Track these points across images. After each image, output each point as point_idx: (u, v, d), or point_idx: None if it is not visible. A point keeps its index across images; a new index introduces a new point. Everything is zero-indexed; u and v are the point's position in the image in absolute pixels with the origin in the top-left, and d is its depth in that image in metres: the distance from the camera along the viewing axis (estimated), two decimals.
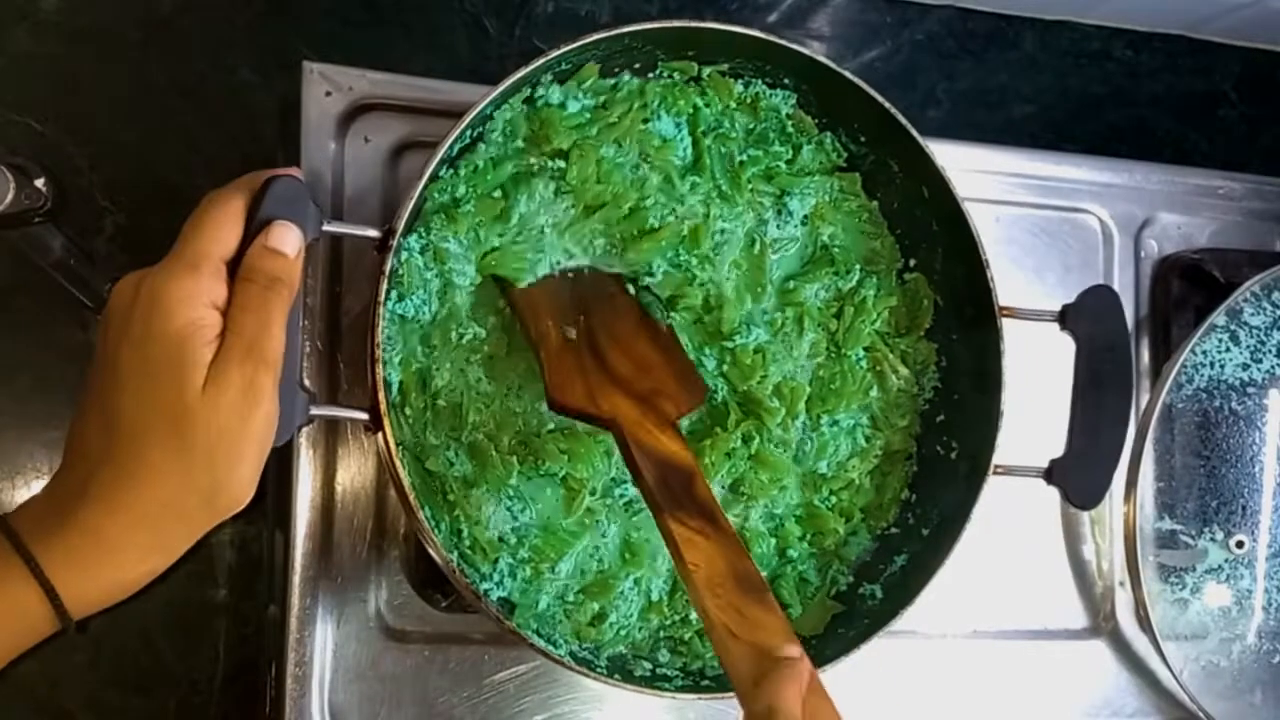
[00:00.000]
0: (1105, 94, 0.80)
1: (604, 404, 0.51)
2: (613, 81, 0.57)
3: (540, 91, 0.55)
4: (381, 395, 0.47)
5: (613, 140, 0.57)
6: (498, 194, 0.55)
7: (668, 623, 0.58)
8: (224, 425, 0.40)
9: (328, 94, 0.59)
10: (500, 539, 0.55)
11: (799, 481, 0.60)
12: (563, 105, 0.56)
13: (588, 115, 0.57)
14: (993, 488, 0.56)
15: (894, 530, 0.61)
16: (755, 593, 0.45)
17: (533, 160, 0.56)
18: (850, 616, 0.58)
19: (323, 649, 0.56)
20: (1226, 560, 0.68)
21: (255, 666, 0.60)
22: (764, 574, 0.59)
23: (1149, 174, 0.74)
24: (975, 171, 0.69)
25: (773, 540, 0.60)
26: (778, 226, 0.61)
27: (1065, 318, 0.58)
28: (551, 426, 0.56)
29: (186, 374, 0.40)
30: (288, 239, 0.44)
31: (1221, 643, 0.68)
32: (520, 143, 0.56)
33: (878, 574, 0.60)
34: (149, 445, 0.40)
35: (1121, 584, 0.70)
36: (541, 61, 0.51)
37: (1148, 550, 0.67)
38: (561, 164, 0.56)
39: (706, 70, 0.58)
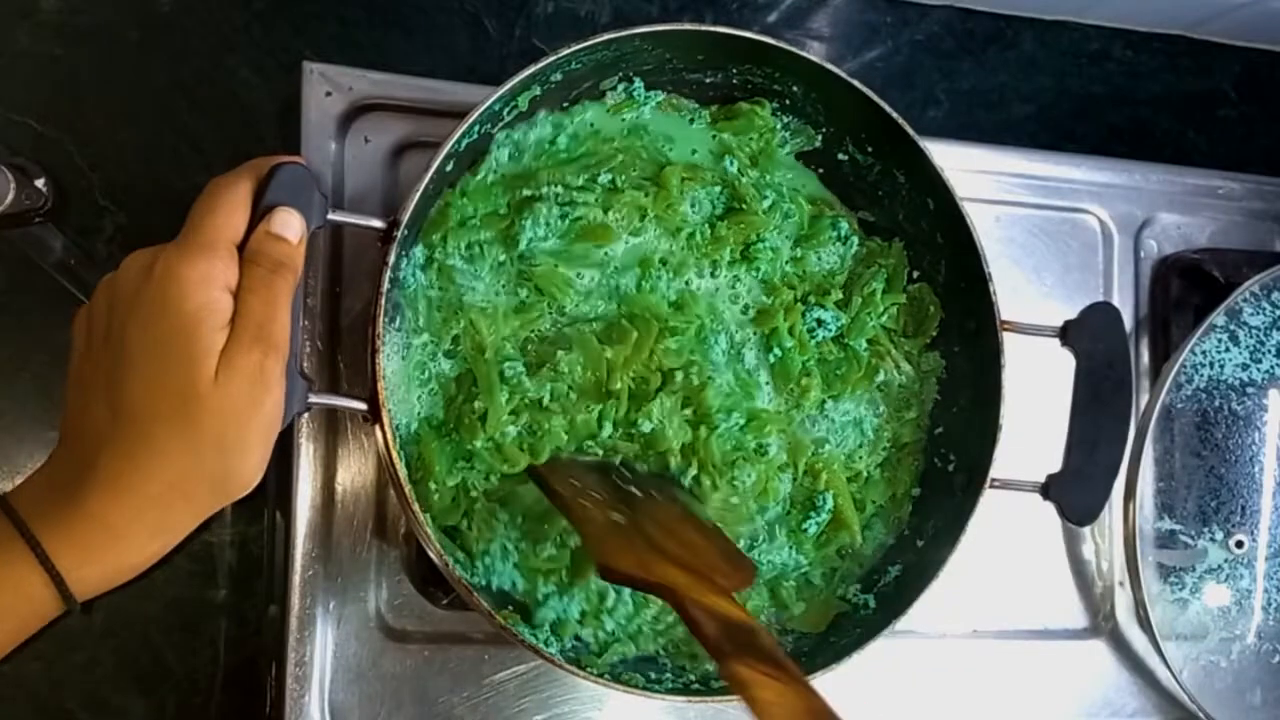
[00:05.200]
0: (1105, 94, 0.80)
1: (657, 571, 0.48)
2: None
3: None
4: (380, 385, 0.47)
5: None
6: (504, 210, 0.56)
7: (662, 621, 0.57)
8: (234, 411, 0.40)
9: (328, 94, 0.59)
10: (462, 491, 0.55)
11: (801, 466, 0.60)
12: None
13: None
14: (990, 496, 0.56)
15: (897, 535, 0.62)
16: None
17: (541, 187, 0.56)
18: (842, 625, 0.59)
19: (323, 649, 0.56)
20: (1226, 560, 0.68)
21: (255, 666, 0.60)
22: (772, 574, 0.59)
23: (1148, 174, 0.74)
24: (975, 172, 0.69)
25: (788, 537, 0.60)
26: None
27: (1066, 334, 0.58)
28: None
29: (199, 359, 0.40)
30: (291, 224, 0.44)
31: (1221, 643, 0.68)
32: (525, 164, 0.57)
33: (871, 584, 0.60)
34: (157, 430, 0.40)
35: (1121, 584, 0.70)
36: (549, 60, 0.52)
37: (1147, 550, 0.67)
38: (560, 190, 0.56)
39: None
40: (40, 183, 0.58)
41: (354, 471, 0.58)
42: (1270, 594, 0.69)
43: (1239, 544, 0.68)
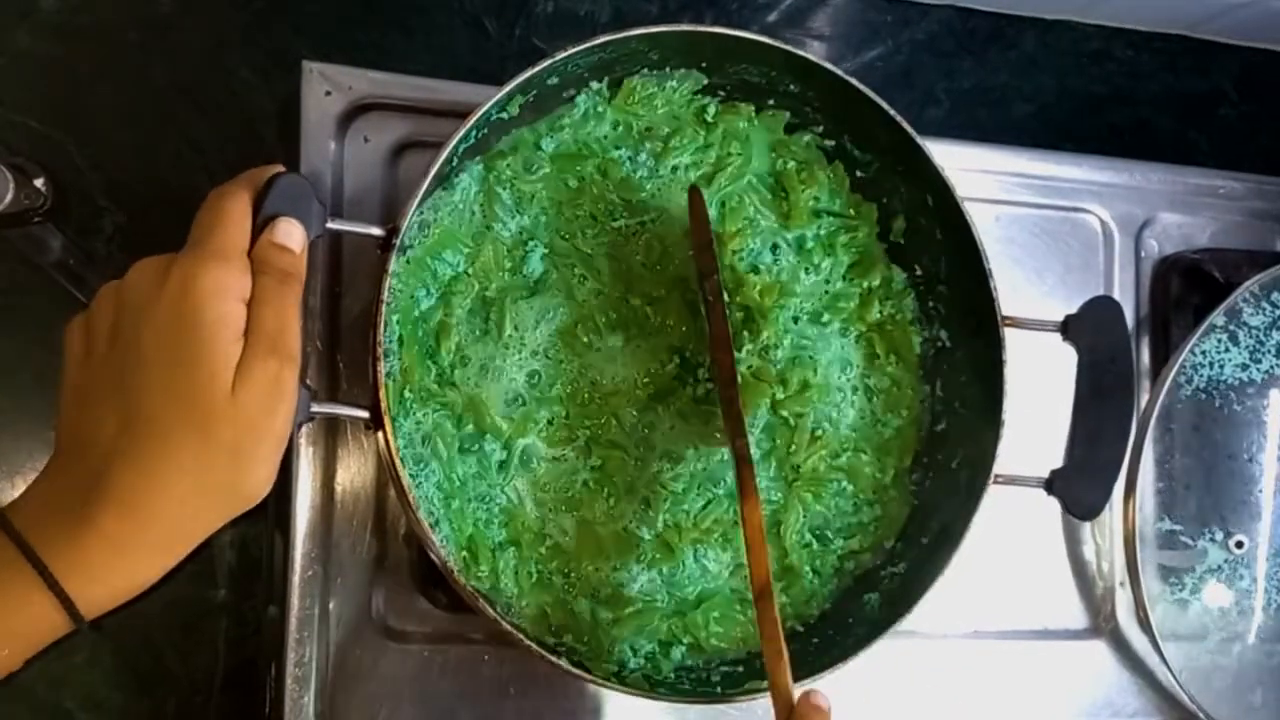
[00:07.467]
0: (1105, 94, 0.80)
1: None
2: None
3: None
4: (382, 393, 0.47)
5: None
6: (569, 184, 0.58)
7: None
8: (249, 422, 0.40)
9: (327, 94, 0.59)
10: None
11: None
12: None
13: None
14: (992, 495, 0.56)
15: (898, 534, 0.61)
16: None
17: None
18: (847, 624, 0.58)
19: (322, 649, 0.56)
20: (1226, 560, 0.68)
21: (255, 667, 0.60)
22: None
23: (1149, 174, 0.74)
24: (975, 171, 0.69)
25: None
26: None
27: (1067, 328, 0.58)
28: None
29: (216, 371, 0.40)
30: (293, 234, 0.44)
31: (1221, 643, 0.68)
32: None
33: (876, 582, 0.60)
34: (173, 442, 0.39)
35: (1121, 584, 0.70)
36: (550, 62, 0.52)
37: (1147, 551, 0.67)
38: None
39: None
40: (40, 182, 0.58)
41: (354, 472, 0.58)
42: (1270, 594, 0.69)
43: (1239, 544, 0.68)
